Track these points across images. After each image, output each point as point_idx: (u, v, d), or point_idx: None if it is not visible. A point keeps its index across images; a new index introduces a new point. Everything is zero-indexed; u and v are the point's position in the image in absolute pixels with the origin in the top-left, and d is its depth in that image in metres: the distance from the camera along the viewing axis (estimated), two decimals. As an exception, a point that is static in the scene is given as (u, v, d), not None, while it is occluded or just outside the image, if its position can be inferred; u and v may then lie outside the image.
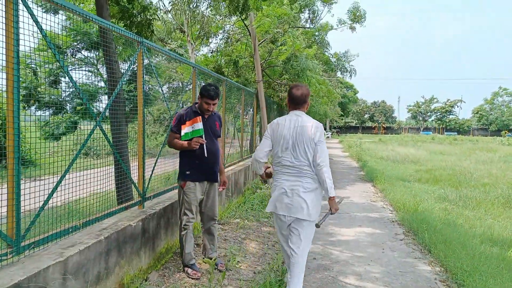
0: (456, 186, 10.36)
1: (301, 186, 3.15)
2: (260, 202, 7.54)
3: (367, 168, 13.19)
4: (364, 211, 6.94)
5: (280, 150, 3.25)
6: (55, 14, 10.31)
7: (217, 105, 3.97)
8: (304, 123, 3.21)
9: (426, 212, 6.60)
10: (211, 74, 6.42)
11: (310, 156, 3.15)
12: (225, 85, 6.98)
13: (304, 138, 3.15)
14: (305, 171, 3.17)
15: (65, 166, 2.79)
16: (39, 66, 7.04)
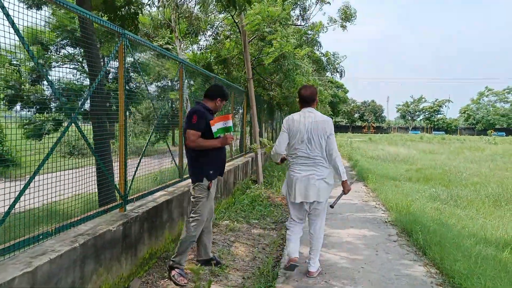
0: (446, 185, 10.31)
1: (315, 174, 3.72)
2: (250, 203, 7.34)
3: (358, 167, 13.10)
4: (356, 211, 6.80)
5: (296, 143, 3.77)
6: (39, 9, 9.96)
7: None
8: (317, 118, 3.75)
9: (419, 212, 6.49)
10: (199, 70, 6.20)
11: (323, 148, 3.71)
12: (214, 83, 6.76)
13: (319, 132, 3.69)
14: (319, 161, 3.73)
15: (45, 165, 2.56)
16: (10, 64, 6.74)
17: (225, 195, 7.17)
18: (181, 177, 5.25)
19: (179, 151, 5.26)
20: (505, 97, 73.04)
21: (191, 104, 8.44)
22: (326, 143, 3.71)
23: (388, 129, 78.66)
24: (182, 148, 5.24)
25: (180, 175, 5.24)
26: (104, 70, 3.28)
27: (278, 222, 6.34)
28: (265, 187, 9.27)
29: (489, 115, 71.73)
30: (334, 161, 3.73)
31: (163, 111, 5.01)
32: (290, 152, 3.88)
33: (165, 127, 5.53)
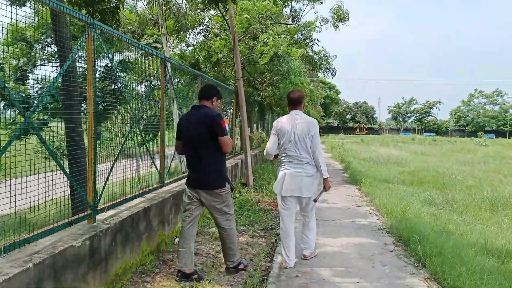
0: (441, 188, 10.07)
1: (303, 171, 4.07)
2: (239, 208, 6.98)
3: (351, 170, 12.81)
4: (349, 217, 6.48)
5: (285, 143, 4.12)
6: (22, 6, 9.48)
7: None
8: (302, 120, 4.11)
9: (415, 218, 6.19)
10: (184, 68, 5.83)
11: (308, 147, 4.06)
12: (200, 81, 6.40)
13: (304, 132, 4.04)
14: (305, 159, 4.08)
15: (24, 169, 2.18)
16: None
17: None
18: (162, 182, 4.87)
19: (160, 154, 4.88)
20: (494, 99, 73.69)
21: (178, 104, 8.05)
22: (310, 142, 4.06)
23: (380, 130, 78.85)
24: (163, 150, 4.87)
25: (161, 180, 4.86)
26: (69, 64, 2.90)
27: (267, 229, 5.99)
28: (255, 191, 8.92)
29: (479, 117, 72.28)
30: (317, 159, 4.09)
31: (143, 111, 4.64)
32: (280, 151, 4.25)
33: (147, 128, 5.15)
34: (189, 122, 3.67)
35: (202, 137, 3.55)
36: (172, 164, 6.02)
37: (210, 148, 3.58)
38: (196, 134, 3.57)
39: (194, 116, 3.65)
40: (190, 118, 3.68)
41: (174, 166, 7.18)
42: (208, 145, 3.56)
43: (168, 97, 7.91)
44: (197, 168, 3.67)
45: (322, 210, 6.96)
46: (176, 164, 7.45)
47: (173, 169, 6.15)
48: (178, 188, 5.22)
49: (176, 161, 7.10)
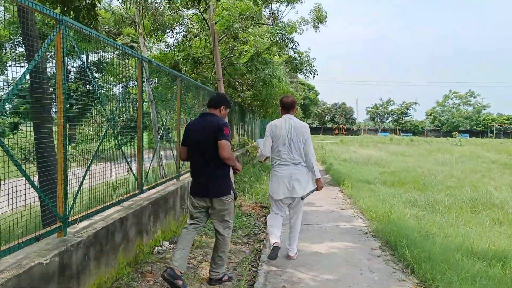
0: (422, 189, 10.13)
1: (296, 173, 4.32)
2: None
3: (332, 171, 12.78)
4: (334, 221, 6.36)
5: (279, 145, 4.35)
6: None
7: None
8: (296, 124, 4.36)
9: (399, 221, 6.13)
10: (161, 68, 5.58)
11: (302, 150, 4.32)
12: (179, 82, 6.15)
13: (297, 136, 4.29)
14: (298, 162, 4.34)
15: None
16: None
17: (193, 206, 6.56)
18: (140, 189, 4.61)
19: (138, 158, 4.62)
20: (468, 100, 75.96)
21: (157, 106, 7.77)
22: (303, 145, 4.32)
23: (358, 131, 79.99)
24: (141, 154, 4.61)
25: (139, 186, 4.60)
26: (34, 64, 2.63)
27: (250, 234, 5.80)
28: (236, 194, 8.72)
29: (453, 117, 74.32)
30: (309, 161, 4.35)
31: (120, 112, 4.38)
32: (274, 154, 4.45)
33: (123, 130, 4.88)
34: (196, 128, 3.76)
35: (209, 143, 3.61)
36: (152, 168, 5.76)
37: (217, 153, 3.60)
38: (203, 139, 3.64)
39: (202, 122, 3.75)
40: (198, 125, 3.77)
41: (153, 170, 6.92)
42: (215, 150, 3.59)
43: (146, 99, 7.63)
44: (204, 173, 3.70)
45: (306, 213, 6.82)
46: (154, 167, 7.18)
47: (152, 173, 5.88)
48: (157, 194, 4.97)
49: (155, 164, 6.81)
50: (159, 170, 8.20)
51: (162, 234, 4.99)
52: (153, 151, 6.22)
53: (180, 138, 6.32)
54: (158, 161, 8.27)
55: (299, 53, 11.10)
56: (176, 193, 5.60)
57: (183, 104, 6.80)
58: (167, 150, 7.96)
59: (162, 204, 4.98)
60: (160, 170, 8.29)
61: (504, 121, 72.79)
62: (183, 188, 5.98)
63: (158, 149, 7.61)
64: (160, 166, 8.32)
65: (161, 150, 8.27)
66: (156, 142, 7.39)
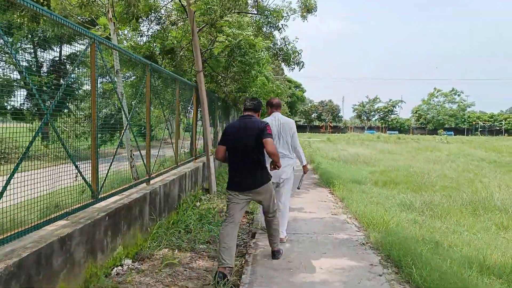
0: (415, 190, 9.53)
1: (284, 163, 4.77)
2: (199, 220, 6.01)
3: (320, 170, 12.12)
4: (326, 229, 5.65)
5: None
6: None
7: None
8: (283, 120, 5.01)
9: (398, 228, 5.48)
10: (126, 54, 4.76)
11: (289, 143, 5.00)
12: (149, 71, 5.34)
13: (285, 131, 4.95)
14: (286, 154, 4.96)
15: None
16: None
17: (166, 213, 5.77)
18: (95, 198, 3.80)
19: (93, 160, 3.81)
20: (452, 98, 76.60)
21: (128, 100, 6.95)
22: (291, 139, 5.00)
23: (345, 129, 79.93)
24: (95, 156, 3.80)
25: (94, 195, 3.79)
26: None
27: (231, 247, 5.04)
28: (218, 198, 7.96)
29: (439, 115, 74.84)
30: (297, 152, 5.13)
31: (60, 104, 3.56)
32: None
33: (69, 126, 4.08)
34: (239, 129, 4.09)
35: (253, 142, 3.97)
36: (124, 170, 4.95)
37: (260, 152, 4.03)
38: (248, 139, 3.99)
39: (244, 124, 4.10)
40: (240, 126, 4.11)
41: (123, 172, 6.08)
42: (259, 150, 4.00)
43: (105, 92, 6.79)
44: (248, 169, 4.06)
45: (296, 221, 6.10)
46: (123, 169, 6.35)
47: (116, 176, 5.05)
48: (118, 203, 4.17)
49: (121, 166, 5.98)
50: (131, 172, 7.39)
51: (125, 251, 4.20)
52: (136, 150, 5.40)
53: (150, 135, 5.52)
54: (130, 162, 7.46)
55: (287, 42, 10.34)
56: (144, 200, 4.80)
57: (155, 96, 6.00)
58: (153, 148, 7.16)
59: (124, 215, 4.18)
60: (133, 171, 7.47)
61: (488, 119, 73.70)
62: (154, 194, 5.19)
63: (130, 148, 6.78)
64: (133, 167, 7.50)
65: (133, 149, 7.45)
66: (127, 140, 6.57)
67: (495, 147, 24.67)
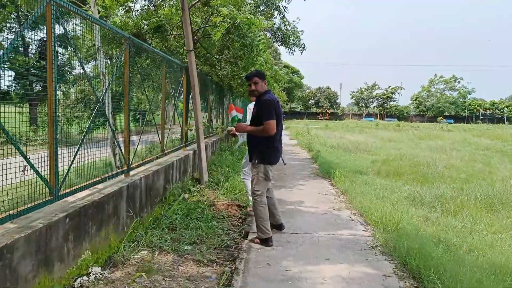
0: (422, 181, 8.93)
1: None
2: (186, 215, 5.36)
3: (320, 159, 11.47)
4: (328, 227, 5.02)
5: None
6: None
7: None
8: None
9: (409, 227, 4.86)
10: (95, 21, 4.01)
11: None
12: (127, 46, 4.60)
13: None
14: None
15: None
16: None
17: (148, 208, 5.11)
18: (53, 195, 3.12)
19: (50, 151, 3.11)
20: (453, 85, 75.61)
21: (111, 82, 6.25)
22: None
23: (343, 116, 79.18)
24: (53, 145, 3.11)
25: (52, 192, 3.12)
26: None
27: (221, 247, 4.41)
28: (209, 189, 7.31)
29: (439, 102, 73.98)
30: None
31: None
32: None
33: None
34: (278, 103, 4.31)
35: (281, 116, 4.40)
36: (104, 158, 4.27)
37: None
38: (281, 115, 4.39)
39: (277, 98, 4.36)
40: (277, 101, 4.34)
41: (102, 161, 5.39)
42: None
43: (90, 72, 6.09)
44: (280, 143, 4.47)
45: (293, 216, 5.47)
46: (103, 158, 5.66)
47: (94, 166, 4.35)
48: (88, 199, 3.51)
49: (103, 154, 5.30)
50: (114, 160, 6.71)
51: (93, 256, 3.55)
52: (132, 136, 4.71)
53: (128, 117, 4.82)
54: (113, 149, 6.78)
55: (287, 23, 9.54)
56: (120, 195, 4.14)
57: (137, 76, 5.28)
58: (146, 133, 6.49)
59: (93, 214, 3.52)
60: (116, 160, 6.80)
61: (489, 107, 72.95)
62: (133, 187, 4.52)
63: (112, 134, 6.09)
64: (116, 155, 6.82)
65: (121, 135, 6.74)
66: (110, 125, 5.87)
67: (499, 136, 24.08)
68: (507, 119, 70.57)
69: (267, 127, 4.17)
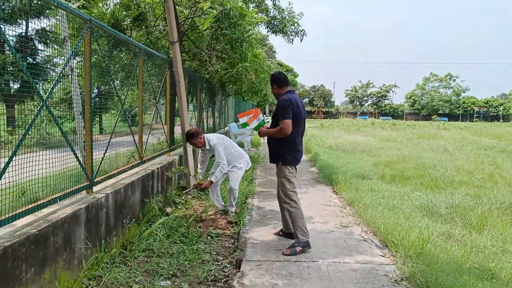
0: (431, 186, 8.13)
1: None
2: (167, 236, 4.47)
3: (319, 162, 10.63)
4: (338, 252, 4.16)
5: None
6: None
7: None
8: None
9: (438, 252, 4.03)
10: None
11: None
12: (88, 29, 3.68)
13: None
14: None
15: None
16: None
17: (119, 230, 4.20)
18: None
19: None
20: (448, 82, 75.22)
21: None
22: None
23: (337, 114, 78.58)
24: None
25: None
26: None
27: (208, 282, 3.53)
28: (198, 199, 6.44)
29: (433, 100, 73.56)
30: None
31: None
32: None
33: None
34: (298, 103, 4.21)
35: (305, 119, 4.41)
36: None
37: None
38: (304, 115, 4.33)
39: (298, 98, 4.25)
40: (299, 101, 4.25)
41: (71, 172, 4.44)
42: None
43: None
44: (301, 145, 4.39)
45: (294, 236, 4.60)
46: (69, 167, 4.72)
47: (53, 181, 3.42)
48: (20, 232, 2.60)
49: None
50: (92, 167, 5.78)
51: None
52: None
53: (89, 119, 3.91)
54: (82, 156, 5.85)
55: (280, 10, 8.63)
56: (75, 220, 3.23)
57: (103, 68, 4.36)
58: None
59: (29, 253, 2.61)
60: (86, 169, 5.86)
61: (483, 105, 72.66)
62: (96, 207, 3.61)
63: (82, 138, 5.16)
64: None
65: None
66: (79, 128, 4.93)
67: (498, 134, 23.45)
68: (502, 117, 70.39)
69: (283, 126, 4.10)
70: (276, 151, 4.31)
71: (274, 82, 4.36)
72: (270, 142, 4.42)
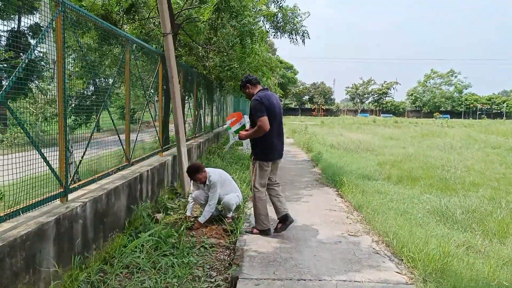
0: (442, 188, 7.64)
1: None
2: (155, 247, 4.00)
3: (322, 162, 10.12)
4: (347, 267, 3.67)
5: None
6: None
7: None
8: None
9: (462, 268, 3.55)
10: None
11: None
12: (61, 12, 3.19)
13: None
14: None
15: None
16: None
17: (100, 243, 3.71)
18: None
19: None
20: (449, 79, 74.53)
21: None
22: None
23: (337, 112, 78.02)
24: None
25: None
26: None
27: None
28: (192, 203, 5.92)
29: (435, 97, 72.89)
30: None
31: None
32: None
33: None
34: (273, 100, 4.41)
35: (281, 114, 4.60)
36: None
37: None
38: (280, 111, 4.54)
39: (272, 96, 4.46)
40: (272, 97, 4.44)
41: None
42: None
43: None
44: (281, 141, 4.55)
45: (300, 249, 4.12)
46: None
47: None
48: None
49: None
50: (67, 172, 5.30)
51: None
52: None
53: (64, 116, 3.42)
54: (68, 157, 5.36)
55: (283, 9, 8.11)
56: (40, 237, 2.75)
57: (82, 59, 3.87)
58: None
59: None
60: (71, 171, 5.39)
61: (486, 102, 71.95)
62: (69, 219, 3.13)
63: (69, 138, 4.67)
64: (71, 164, 5.40)
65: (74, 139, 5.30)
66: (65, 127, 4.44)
67: (504, 132, 22.92)
68: (506, 114, 69.71)
69: (259, 124, 4.24)
70: (253, 147, 4.53)
71: (247, 82, 4.55)
72: (251, 139, 4.60)
